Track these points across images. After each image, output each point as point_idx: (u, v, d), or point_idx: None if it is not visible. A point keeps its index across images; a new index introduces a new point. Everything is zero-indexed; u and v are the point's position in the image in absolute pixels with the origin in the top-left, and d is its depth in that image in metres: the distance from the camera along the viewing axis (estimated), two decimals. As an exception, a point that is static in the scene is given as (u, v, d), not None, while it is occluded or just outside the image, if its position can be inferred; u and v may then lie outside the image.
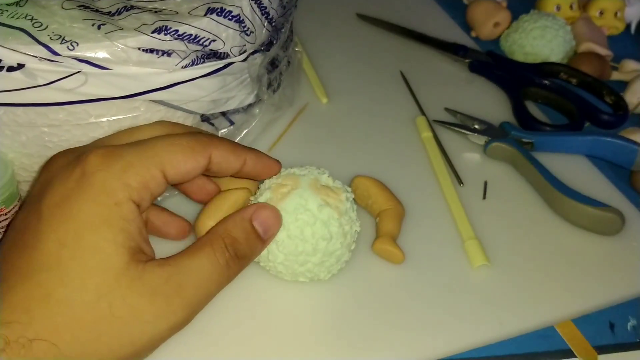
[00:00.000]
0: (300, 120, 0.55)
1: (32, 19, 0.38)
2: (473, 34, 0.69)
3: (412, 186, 0.49)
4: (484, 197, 0.48)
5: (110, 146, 0.33)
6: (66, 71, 0.37)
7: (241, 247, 0.34)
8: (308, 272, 0.39)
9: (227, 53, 0.43)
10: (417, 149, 0.53)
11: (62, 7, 0.39)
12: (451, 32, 0.68)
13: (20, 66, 0.37)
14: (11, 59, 0.36)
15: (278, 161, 0.40)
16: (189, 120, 0.44)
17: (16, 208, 0.40)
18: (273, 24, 0.47)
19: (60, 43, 0.37)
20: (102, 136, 0.41)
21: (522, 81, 0.60)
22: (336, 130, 0.54)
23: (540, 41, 0.63)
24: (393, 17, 0.69)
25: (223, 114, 0.47)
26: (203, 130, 0.40)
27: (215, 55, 0.42)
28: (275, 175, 0.40)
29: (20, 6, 0.39)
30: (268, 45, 0.47)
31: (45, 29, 0.37)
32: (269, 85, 0.50)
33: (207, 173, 0.36)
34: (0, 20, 0.38)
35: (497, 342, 0.39)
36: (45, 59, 0.37)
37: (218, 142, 0.35)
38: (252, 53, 0.45)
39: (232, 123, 0.48)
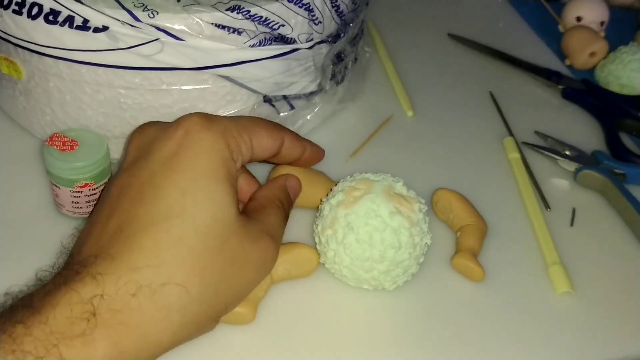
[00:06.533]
0: (383, 131, 0.55)
1: (120, -12, 0.42)
2: (567, 62, 0.67)
3: (496, 205, 0.47)
4: (572, 224, 0.47)
5: (205, 114, 0.34)
6: (145, 37, 0.40)
7: (285, 207, 0.39)
8: (373, 280, 0.38)
9: (294, 39, 0.45)
10: (502, 169, 0.52)
11: (149, -20, 0.43)
12: (544, 59, 0.67)
13: (105, 28, 0.40)
14: (97, 20, 0.40)
15: (323, 150, 0.43)
16: (252, 99, 0.46)
17: (105, 186, 0.42)
18: (342, 17, 0.49)
19: (142, 10, 0.40)
20: (171, 103, 0.44)
21: (616, 112, 0.58)
22: (419, 144, 0.54)
23: (638, 74, 0.61)
24: (485, 39, 0.68)
25: (285, 97, 0.49)
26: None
27: (282, 39, 0.44)
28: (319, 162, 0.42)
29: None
30: (335, 37, 0.49)
31: (131, -4, 0.41)
32: (333, 76, 0.51)
33: (272, 159, 0.39)
34: (93, -13, 0.42)
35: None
36: (128, 24, 0.40)
37: (288, 130, 0.39)
38: (319, 42, 0.47)
39: (292, 107, 0.50)
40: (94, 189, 0.41)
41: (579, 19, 0.70)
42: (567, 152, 0.53)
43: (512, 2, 0.78)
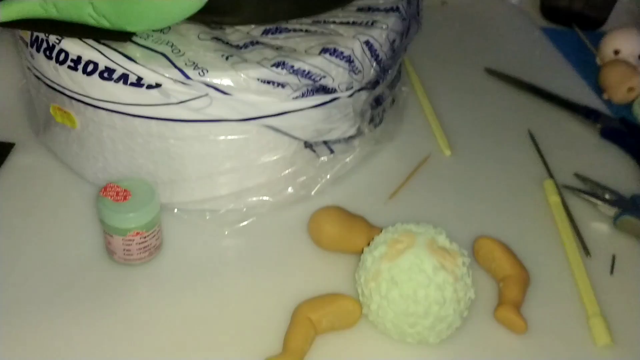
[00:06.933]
0: (421, 171, 0.56)
1: (172, 46, 0.44)
2: (605, 96, 0.67)
3: (536, 251, 0.48)
4: (612, 272, 0.47)
5: None
6: (195, 94, 0.42)
7: None
8: (417, 334, 0.39)
9: (335, 88, 0.46)
10: (543, 212, 0.52)
11: (199, 38, 0.45)
12: (581, 93, 0.67)
13: (158, 85, 0.42)
14: (151, 78, 0.42)
15: None
16: (294, 145, 0.48)
17: (154, 233, 0.43)
18: (382, 65, 0.50)
19: (193, 69, 0.42)
20: (217, 152, 0.46)
21: (656, 153, 0.57)
22: (458, 185, 0.54)
23: (676, 111, 0.61)
24: (521, 73, 0.68)
25: (325, 142, 0.50)
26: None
27: (323, 89, 0.46)
28: None
29: (164, 33, 0.45)
30: (374, 83, 0.50)
31: (182, 55, 0.43)
32: (371, 120, 0.52)
33: None
34: (145, 43, 0.44)
35: None
36: (179, 82, 0.42)
37: None
38: (359, 90, 0.48)
39: (332, 151, 0.51)
40: (145, 237, 0.43)
41: (616, 52, 0.70)
42: (607, 196, 0.53)
43: (549, 33, 0.78)
